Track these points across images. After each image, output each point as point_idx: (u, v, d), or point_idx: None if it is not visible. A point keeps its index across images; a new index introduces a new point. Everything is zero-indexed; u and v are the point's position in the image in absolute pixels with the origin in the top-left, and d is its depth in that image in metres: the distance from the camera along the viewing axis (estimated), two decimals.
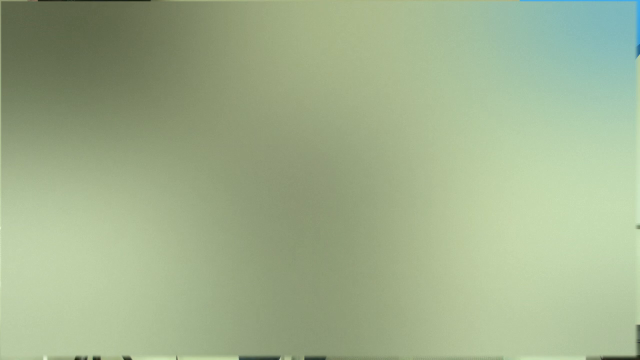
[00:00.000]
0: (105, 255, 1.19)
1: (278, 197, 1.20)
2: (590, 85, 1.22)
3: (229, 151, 1.20)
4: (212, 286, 1.19)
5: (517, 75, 1.21)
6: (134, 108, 1.20)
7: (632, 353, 1.21)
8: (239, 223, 1.19)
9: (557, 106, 1.21)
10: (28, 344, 1.20)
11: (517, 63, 1.21)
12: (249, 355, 1.20)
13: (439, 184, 1.20)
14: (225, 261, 1.19)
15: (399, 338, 1.20)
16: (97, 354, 1.20)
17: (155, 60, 1.20)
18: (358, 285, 1.19)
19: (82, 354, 1.20)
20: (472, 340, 1.20)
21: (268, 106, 1.20)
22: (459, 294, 1.20)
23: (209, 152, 1.20)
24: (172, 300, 1.19)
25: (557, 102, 1.22)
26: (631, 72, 1.22)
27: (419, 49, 1.21)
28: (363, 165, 1.20)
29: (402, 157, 1.20)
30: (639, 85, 1.30)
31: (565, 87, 1.22)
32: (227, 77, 1.21)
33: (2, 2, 1.23)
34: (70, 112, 1.20)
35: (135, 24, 1.20)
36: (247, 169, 1.20)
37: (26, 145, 1.20)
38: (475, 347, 1.20)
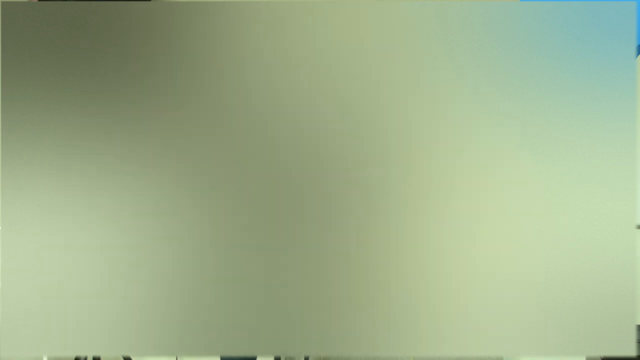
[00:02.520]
0: (105, 255, 1.19)
1: (276, 198, 1.20)
2: (590, 85, 1.22)
3: (227, 151, 1.20)
4: (212, 286, 1.19)
5: (517, 75, 1.21)
6: (134, 108, 1.20)
7: (632, 353, 1.21)
8: (238, 224, 1.20)
9: (557, 106, 1.22)
10: (28, 344, 1.20)
11: (517, 63, 1.21)
12: (248, 355, 1.20)
13: (439, 183, 1.20)
14: (225, 261, 1.19)
15: (399, 338, 1.20)
16: (97, 354, 1.20)
17: (155, 60, 1.20)
18: (358, 285, 1.19)
19: (82, 354, 1.20)
20: (472, 340, 1.20)
21: (268, 105, 1.20)
22: (459, 293, 1.20)
23: (207, 152, 1.20)
24: (172, 300, 1.19)
25: (557, 102, 1.22)
26: (631, 72, 1.22)
27: (419, 49, 1.21)
28: (361, 165, 1.20)
29: (400, 158, 1.20)
30: (639, 85, 1.30)
31: (565, 87, 1.22)
32: (227, 76, 1.21)
33: (2, 2, 1.23)
34: (70, 112, 1.20)
35: (135, 24, 1.20)
36: (244, 170, 1.20)
37: (26, 145, 1.20)
38: (475, 347, 1.20)
